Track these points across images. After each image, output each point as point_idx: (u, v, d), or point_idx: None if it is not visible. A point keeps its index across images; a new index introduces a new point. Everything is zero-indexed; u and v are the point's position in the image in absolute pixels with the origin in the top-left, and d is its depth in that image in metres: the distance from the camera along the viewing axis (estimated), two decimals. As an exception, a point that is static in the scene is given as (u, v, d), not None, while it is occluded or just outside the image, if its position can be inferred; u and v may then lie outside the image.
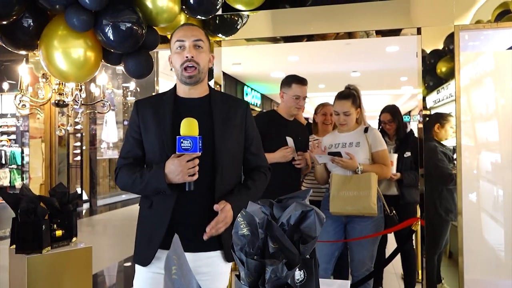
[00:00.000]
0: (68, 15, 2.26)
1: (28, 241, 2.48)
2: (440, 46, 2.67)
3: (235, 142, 1.68)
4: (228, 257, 1.65)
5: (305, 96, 2.71)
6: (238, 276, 0.93)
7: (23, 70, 2.89)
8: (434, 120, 2.70)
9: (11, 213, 2.59)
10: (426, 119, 2.70)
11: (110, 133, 9.14)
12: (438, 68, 2.70)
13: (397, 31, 2.86)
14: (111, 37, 2.32)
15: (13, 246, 2.56)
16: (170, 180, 1.52)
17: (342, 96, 2.66)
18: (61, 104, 2.92)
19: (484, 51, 3.30)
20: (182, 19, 2.71)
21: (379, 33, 2.93)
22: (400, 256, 3.39)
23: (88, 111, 4.64)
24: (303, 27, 2.90)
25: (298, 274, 0.99)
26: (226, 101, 1.73)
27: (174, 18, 2.53)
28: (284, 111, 2.75)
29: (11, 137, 11.07)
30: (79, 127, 7.73)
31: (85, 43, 2.42)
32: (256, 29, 2.97)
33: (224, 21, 2.98)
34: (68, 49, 2.38)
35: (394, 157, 3.16)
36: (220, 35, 3.01)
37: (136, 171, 1.60)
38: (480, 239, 3.08)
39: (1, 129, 11.48)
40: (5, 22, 2.26)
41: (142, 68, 2.61)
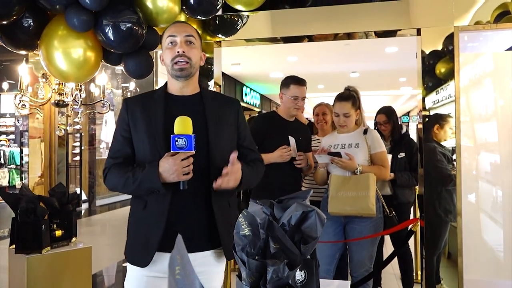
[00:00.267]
0: (68, 15, 2.26)
1: (28, 241, 2.48)
2: (439, 47, 2.68)
3: (229, 140, 1.66)
4: (228, 255, 1.63)
5: (304, 97, 2.72)
6: (240, 276, 0.93)
7: (23, 70, 2.89)
8: (434, 121, 2.70)
9: (10, 213, 2.59)
10: (426, 120, 2.71)
11: (110, 133, 9.14)
12: (437, 69, 2.70)
13: (394, 32, 2.87)
14: (111, 37, 2.32)
15: (13, 246, 2.56)
16: (165, 179, 1.49)
17: (342, 98, 2.67)
18: (61, 104, 2.93)
19: (483, 52, 3.30)
20: (182, 20, 2.72)
21: (377, 34, 2.93)
22: (397, 257, 3.40)
23: (88, 111, 4.64)
24: (303, 28, 2.91)
25: (299, 275, 0.99)
26: (218, 100, 1.71)
27: (174, 18, 2.53)
28: (284, 112, 2.76)
29: (10, 137, 11.06)
30: (78, 127, 7.73)
31: (85, 43, 2.42)
32: (256, 30, 2.97)
33: (224, 22, 2.99)
34: (68, 49, 2.39)
35: (388, 158, 3.17)
36: (220, 36, 3.01)
37: (128, 171, 1.56)
38: (479, 240, 3.09)
39: (0, 129, 11.47)
40: (5, 22, 2.26)
41: (142, 68, 2.62)
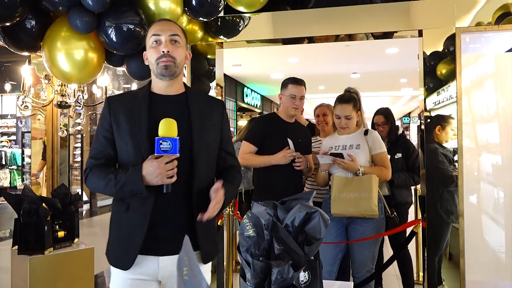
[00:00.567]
0: (71, 17, 2.27)
1: (31, 242, 2.48)
2: (441, 48, 2.68)
3: (212, 142, 1.64)
4: (205, 259, 1.61)
5: (302, 96, 2.71)
6: (244, 278, 0.94)
7: (26, 71, 2.90)
8: (435, 122, 2.71)
9: (10, 214, 2.60)
10: (427, 121, 2.71)
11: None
12: (439, 70, 2.71)
13: (395, 33, 2.87)
14: (114, 39, 2.33)
15: (16, 247, 2.57)
16: (148, 182, 1.46)
17: (344, 100, 2.67)
18: (64, 105, 2.93)
19: (485, 53, 3.31)
20: (185, 21, 2.73)
21: (379, 36, 2.93)
22: (396, 260, 3.41)
23: (90, 113, 4.65)
24: (305, 29, 2.91)
25: (303, 276, 0.99)
26: (203, 100, 1.68)
27: (177, 20, 2.54)
28: (283, 113, 2.76)
29: (11, 138, 11.07)
30: (80, 128, 7.73)
31: (88, 45, 2.43)
32: (258, 31, 2.98)
33: (226, 23, 2.99)
34: (71, 51, 2.40)
35: None
36: (222, 37, 3.02)
37: (110, 172, 1.52)
38: (481, 241, 3.09)
39: (2, 130, 11.49)
40: (9, 24, 2.27)
41: (145, 70, 2.62)
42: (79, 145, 8.64)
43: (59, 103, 2.96)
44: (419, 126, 3.46)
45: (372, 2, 2.83)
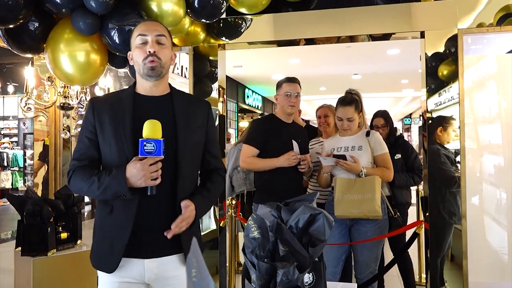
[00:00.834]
0: (74, 19, 2.28)
1: (34, 244, 2.49)
2: (442, 49, 2.68)
3: (197, 144, 1.64)
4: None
5: (298, 93, 2.71)
6: (249, 279, 0.94)
7: (29, 73, 2.91)
8: (437, 123, 2.71)
9: (12, 215, 2.60)
10: (429, 122, 2.71)
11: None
12: (440, 71, 2.71)
13: (396, 35, 2.87)
14: (117, 41, 2.34)
15: (19, 249, 2.57)
16: (132, 184, 1.45)
17: (345, 102, 2.67)
18: (67, 107, 2.94)
19: (486, 54, 3.31)
20: (187, 23, 2.73)
21: (380, 37, 2.94)
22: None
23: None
24: (306, 31, 2.92)
25: (307, 277, 1.00)
26: (188, 101, 1.67)
27: (179, 22, 2.55)
28: (281, 113, 2.76)
29: (13, 139, 11.09)
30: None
31: (91, 47, 2.44)
32: (260, 33, 2.98)
33: (228, 25, 3.00)
34: (74, 52, 2.40)
35: None
36: (224, 39, 3.02)
37: (93, 174, 1.50)
38: (483, 242, 3.09)
39: (3, 132, 11.51)
40: (12, 26, 2.28)
41: (147, 71, 2.63)
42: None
43: (62, 105, 2.97)
44: (421, 127, 3.46)
45: (374, 4, 2.83)
